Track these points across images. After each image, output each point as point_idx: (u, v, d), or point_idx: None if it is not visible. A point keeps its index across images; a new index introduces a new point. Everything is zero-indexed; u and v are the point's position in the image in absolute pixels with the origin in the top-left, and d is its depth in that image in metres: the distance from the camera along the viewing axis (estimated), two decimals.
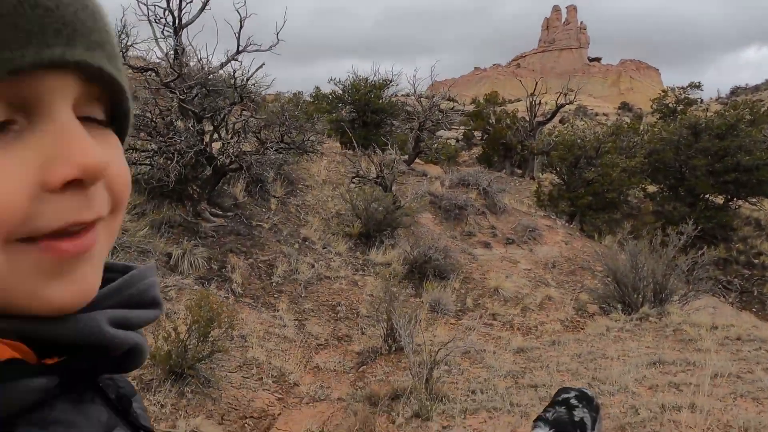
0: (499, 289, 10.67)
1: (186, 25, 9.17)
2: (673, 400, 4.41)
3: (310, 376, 6.31)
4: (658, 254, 9.34)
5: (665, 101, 32.40)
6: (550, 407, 3.21)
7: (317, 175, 13.64)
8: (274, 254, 9.14)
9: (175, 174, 8.25)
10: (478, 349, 6.93)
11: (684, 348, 6.74)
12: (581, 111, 74.40)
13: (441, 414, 4.63)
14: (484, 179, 15.42)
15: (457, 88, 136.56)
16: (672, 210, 17.87)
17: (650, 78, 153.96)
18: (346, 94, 18.97)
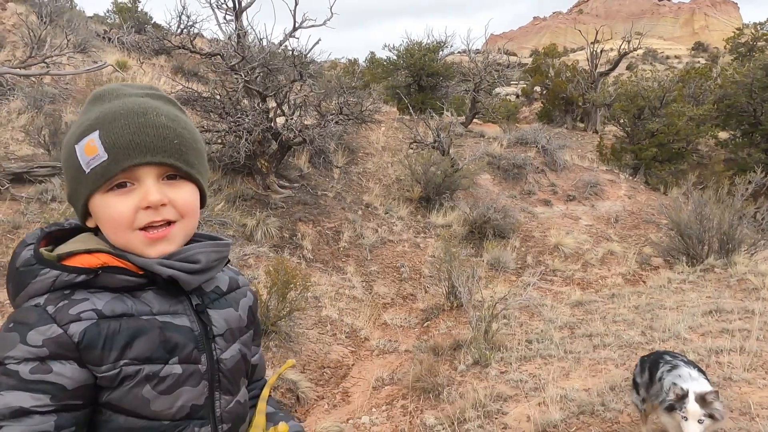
0: (560, 245, 10.83)
1: (245, 8, 9.66)
2: (722, 344, 4.62)
3: (379, 332, 6.88)
4: (724, 204, 9.18)
5: (740, 40, 30.29)
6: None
7: (376, 143, 14.06)
8: (340, 221, 9.70)
9: (245, 151, 8.90)
10: (537, 303, 7.25)
11: (746, 297, 6.78)
12: (651, 55, 70.50)
13: (499, 361, 5.05)
14: (542, 137, 15.33)
15: (516, 41, 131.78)
16: (746, 157, 17.10)
17: (728, 14, 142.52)
18: (401, 60, 19.09)
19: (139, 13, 25.05)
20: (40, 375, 0.93)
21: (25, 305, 0.99)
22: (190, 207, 1.09)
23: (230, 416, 1.12)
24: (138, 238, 1.04)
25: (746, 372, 3.99)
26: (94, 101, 1.09)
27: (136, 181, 1.04)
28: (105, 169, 1.02)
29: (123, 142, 1.02)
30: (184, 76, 15.10)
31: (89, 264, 1.02)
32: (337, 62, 25.36)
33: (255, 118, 9.11)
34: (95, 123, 1.04)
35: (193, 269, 1.08)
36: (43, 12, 15.52)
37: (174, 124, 1.07)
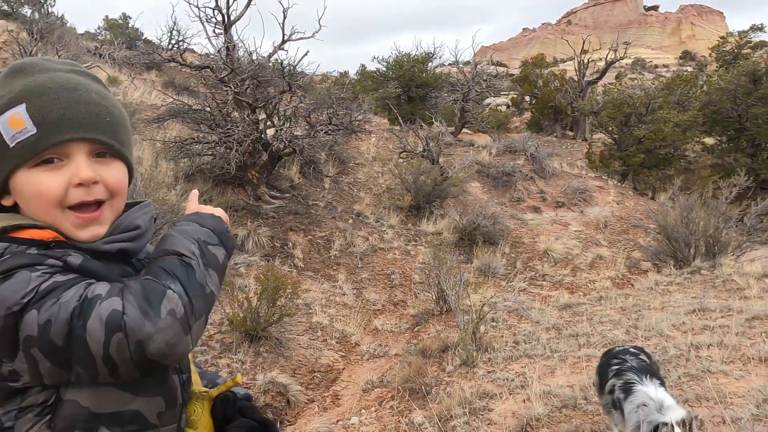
0: (549, 251, 10.95)
1: (234, 22, 9.80)
2: (703, 340, 4.72)
3: (370, 337, 6.94)
4: (710, 207, 9.33)
5: (725, 48, 30.80)
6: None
7: (367, 153, 14.19)
8: (331, 230, 9.79)
9: (235, 162, 8.99)
10: (525, 307, 7.34)
11: (730, 297, 6.90)
12: (639, 64, 71.31)
13: (486, 362, 5.13)
14: (531, 145, 15.52)
15: (506, 52, 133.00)
16: (733, 162, 17.35)
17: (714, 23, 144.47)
18: (390, 71, 19.30)
19: (130, 29, 25.25)
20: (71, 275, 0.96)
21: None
22: (120, 185, 1.08)
23: (186, 367, 1.18)
24: (69, 218, 1.02)
25: (724, 364, 4.09)
26: (13, 74, 1.06)
27: (65, 158, 1.02)
28: (34, 143, 0.99)
29: (54, 117, 1.00)
30: (175, 90, 15.21)
31: (42, 237, 0.99)
32: (328, 75, 25.56)
33: (245, 129, 9.22)
34: (20, 95, 1.01)
35: (135, 235, 1.10)
36: (34, 29, 15.65)
37: (105, 101, 1.08)
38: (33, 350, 0.92)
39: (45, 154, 1.00)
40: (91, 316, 0.91)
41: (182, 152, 9.73)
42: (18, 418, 0.97)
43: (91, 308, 0.91)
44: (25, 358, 0.93)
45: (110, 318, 0.90)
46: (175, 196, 7.89)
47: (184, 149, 9.69)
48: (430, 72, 19.46)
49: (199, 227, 1.09)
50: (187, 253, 1.02)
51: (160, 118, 10.45)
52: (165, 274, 0.98)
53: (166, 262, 1.00)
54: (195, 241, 1.05)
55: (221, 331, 5.61)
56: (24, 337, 0.92)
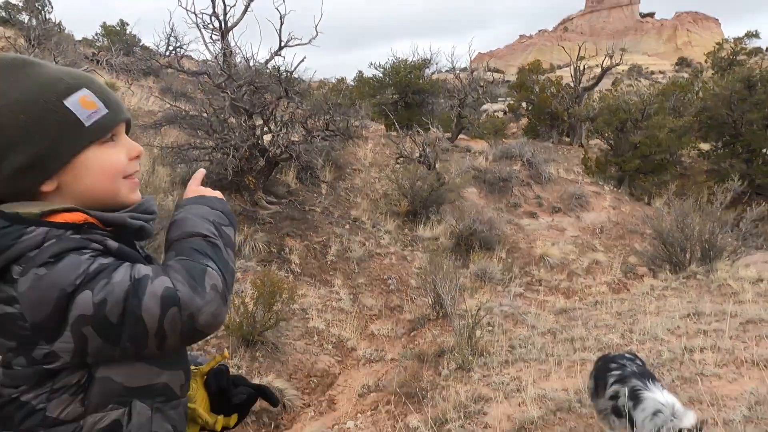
0: (546, 256, 10.99)
1: (231, 28, 9.86)
2: (697, 343, 4.75)
3: (366, 342, 6.95)
4: (704, 212, 9.38)
5: (720, 54, 31.01)
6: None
7: (364, 159, 14.23)
8: (328, 235, 9.81)
9: (232, 167, 9.01)
10: (521, 312, 7.36)
11: (724, 301, 6.93)
12: (635, 71, 71.65)
13: (482, 366, 5.15)
14: (528, 150, 15.59)
15: (503, 59, 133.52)
16: (728, 167, 17.45)
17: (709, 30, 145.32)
18: (387, 77, 19.38)
19: (127, 36, 25.31)
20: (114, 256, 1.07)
21: (33, 253, 1.00)
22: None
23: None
24: (126, 184, 1.17)
25: (717, 368, 4.11)
26: (25, 66, 1.10)
27: (116, 136, 1.16)
28: (108, 122, 1.13)
29: (111, 100, 1.15)
30: (172, 96, 15.24)
31: (75, 220, 1.07)
32: (326, 81, 25.63)
33: (242, 135, 9.24)
34: (77, 81, 1.12)
35: (152, 219, 1.22)
36: (31, 35, 15.70)
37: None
38: (86, 329, 0.99)
39: (112, 132, 1.15)
40: (146, 294, 1.00)
41: (179, 158, 9.74)
42: (50, 400, 1.03)
43: (144, 287, 1.01)
44: (73, 337, 0.99)
45: (165, 294, 1.01)
46: (172, 201, 7.91)
47: (181, 155, 9.71)
48: (427, 78, 19.54)
49: (210, 209, 1.22)
50: (210, 234, 1.16)
51: (158, 123, 10.47)
52: (198, 254, 1.10)
53: (195, 243, 1.13)
54: (211, 222, 1.19)
55: (217, 335, 5.61)
56: (76, 316, 0.99)
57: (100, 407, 1.05)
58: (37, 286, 0.98)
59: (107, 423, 1.05)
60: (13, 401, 1.03)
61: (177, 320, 1.02)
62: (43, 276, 0.98)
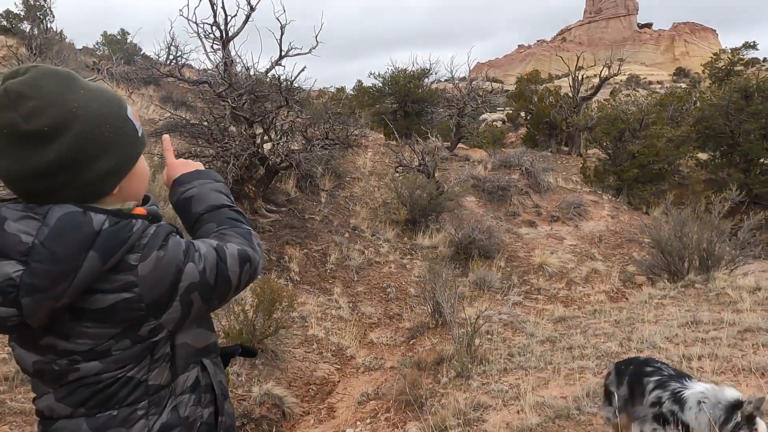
0: (544, 265, 11.01)
1: (232, 38, 9.93)
2: (695, 352, 4.77)
3: (365, 350, 6.96)
4: (702, 221, 9.42)
5: (718, 65, 31.19)
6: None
7: (363, 167, 14.28)
8: (327, 244, 9.83)
9: (232, 176, 9.05)
10: (520, 320, 7.38)
11: (722, 310, 6.95)
12: (633, 81, 72.07)
13: (481, 374, 5.16)
14: (526, 159, 15.65)
15: (501, 69, 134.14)
16: (726, 177, 17.51)
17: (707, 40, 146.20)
18: (386, 87, 19.48)
19: (128, 45, 25.45)
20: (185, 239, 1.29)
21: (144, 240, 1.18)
22: None
23: None
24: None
25: (715, 375, 4.13)
26: (75, 79, 1.19)
27: None
28: (144, 133, 1.33)
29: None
30: (172, 105, 15.32)
31: (144, 213, 1.26)
32: (325, 91, 25.74)
33: (242, 144, 9.29)
34: (120, 99, 1.28)
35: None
36: (33, 44, 15.77)
37: None
38: (194, 294, 1.21)
39: None
40: (228, 257, 1.26)
41: None
42: (152, 371, 1.23)
43: (224, 252, 1.26)
44: (181, 305, 1.21)
45: (241, 255, 1.29)
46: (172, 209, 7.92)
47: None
48: (426, 88, 19.65)
49: (215, 182, 1.48)
50: (232, 203, 1.45)
51: (158, 132, 10.52)
52: (235, 221, 1.40)
53: (227, 213, 1.42)
54: (224, 194, 1.46)
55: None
56: (186, 285, 1.20)
57: (184, 368, 1.30)
58: (159, 266, 1.16)
59: (192, 380, 1.32)
60: (116, 381, 1.19)
61: (248, 273, 1.30)
62: (163, 257, 1.17)
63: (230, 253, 1.26)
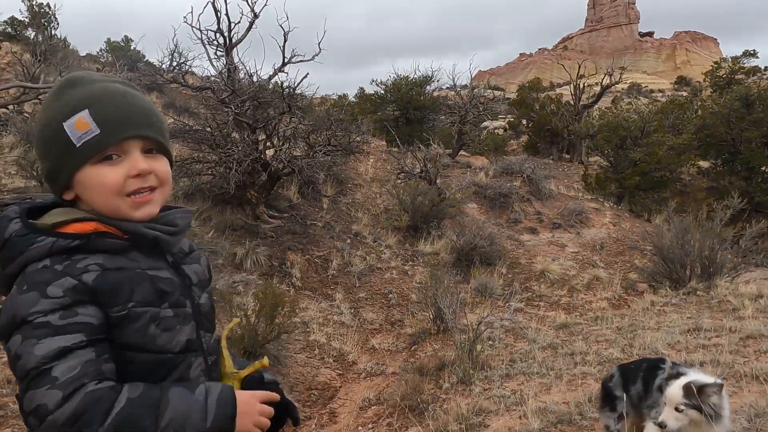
0: (546, 272, 11.01)
1: (236, 44, 10.00)
2: (698, 358, 4.77)
3: (367, 356, 6.96)
4: (704, 229, 9.41)
5: (719, 73, 31.27)
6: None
7: (365, 174, 14.32)
8: (329, 249, 9.85)
9: (234, 181, 9.09)
10: (522, 326, 7.37)
11: (724, 317, 6.95)
12: (635, 89, 72.25)
13: (483, 380, 5.16)
14: (528, 167, 15.67)
15: (503, 77, 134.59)
16: (727, 185, 17.53)
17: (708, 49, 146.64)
18: (388, 94, 19.55)
19: (131, 52, 25.59)
20: (70, 319, 1.08)
21: (30, 269, 1.12)
22: (167, 176, 1.28)
23: (213, 350, 1.33)
24: (126, 203, 1.20)
25: None
26: (69, 86, 1.22)
27: (123, 154, 1.20)
28: (98, 141, 1.17)
29: (115, 118, 1.18)
30: (175, 111, 15.38)
31: (81, 230, 1.16)
32: (327, 97, 25.85)
33: (245, 150, 9.33)
34: (83, 102, 1.18)
35: (172, 231, 1.27)
36: (37, 50, 15.87)
37: (150, 105, 1.27)
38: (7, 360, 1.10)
39: (107, 151, 1.19)
40: (27, 394, 1.05)
41: (182, 172, 9.82)
42: None
43: (34, 385, 1.04)
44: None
45: (35, 408, 1.04)
46: None
47: (185, 168, 9.79)
48: (428, 95, 19.71)
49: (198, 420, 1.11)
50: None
51: None
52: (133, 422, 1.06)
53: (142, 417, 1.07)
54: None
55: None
56: (5, 346, 1.10)
57: None
58: (8, 299, 1.11)
59: None
60: None
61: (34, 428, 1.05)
62: (13, 296, 1.10)
63: (32, 396, 1.04)
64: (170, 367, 1.20)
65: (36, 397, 1.03)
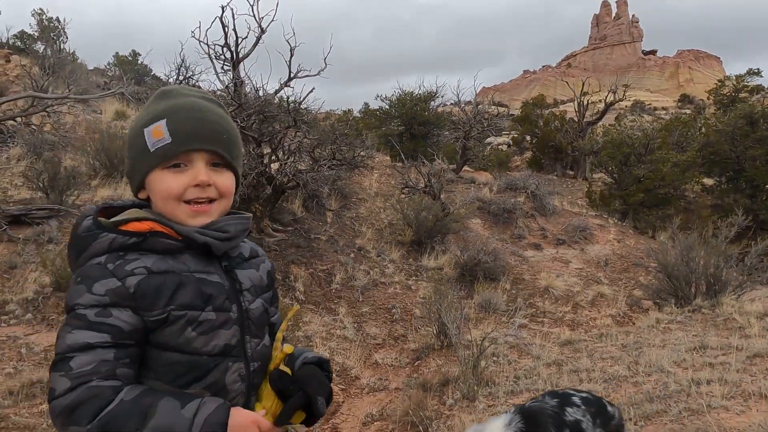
0: (550, 288, 10.96)
1: (243, 59, 10.08)
2: (704, 376, 4.72)
3: (370, 371, 6.91)
4: (709, 246, 9.37)
5: (723, 91, 31.37)
6: (540, 397, 2.68)
7: (369, 188, 14.34)
8: (332, 263, 9.83)
9: (239, 194, 9.10)
10: (526, 343, 7.32)
11: (730, 335, 6.89)
12: (638, 107, 72.44)
13: (487, 396, 5.11)
14: (532, 182, 15.68)
15: (507, 93, 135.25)
16: (732, 202, 17.49)
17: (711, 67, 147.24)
18: (393, 109, 19.65)
19: (139, 66, 25.84)
20: (102, 318, 1.17)
21: (88, 263, 1.23)
22: (228, 189, 1.36)
23: (259, 356, 1.36)
24: (184, 209, 1.31)
25: (725, 400, 4.09)
26: (160, 97, 1.36)
27: (189, 163, 1.30)
28: (168, 150, 1.28)
29: (186, 130, 1.29)
30: None
31: (139, 229, 1.27)
32: (332, 113, 25.97)
33: (250, 163, 9.36)
34: (163, 113, 1.30)
35: (223, 237, 1.33)
36: (46, 64, 16.03)
37: (223, 122, 1.36)
38: None
39: (174, 160, 1.29)
40: (52, 377, 1.15)
41: None
42: None
43: (57, 370, 1.14)
44: None
45: (49, 392, 1.15)
46: None
47: None
48: (433, 111, 19.80)
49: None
50: None
51: None
52: (124, 417, 1.12)
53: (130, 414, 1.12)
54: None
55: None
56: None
57: None
58: (70, 286, 1.23)
59: None
60: None
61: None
62: (71, 285, 1.23)
63: (53, 378, 1.14)
64: (204, 370, 1.24)
65: (52, 379, 1.14)
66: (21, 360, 5.40)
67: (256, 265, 1.47)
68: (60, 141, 12.14)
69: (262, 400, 1.34)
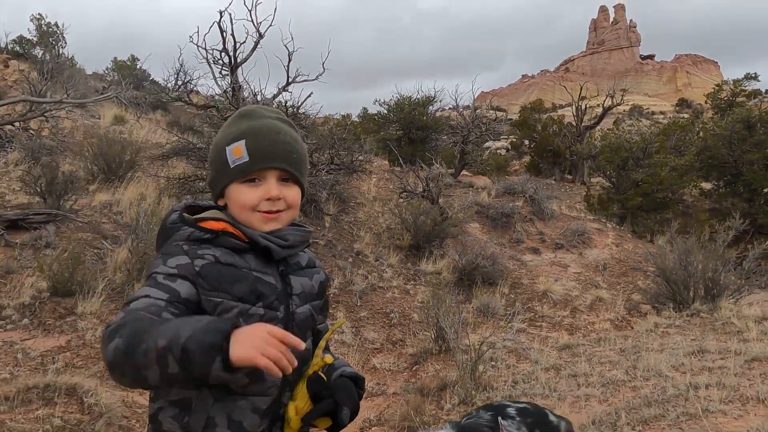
0: (548, 292, 10.95)
1: (241, 64, 10.10)
2: (702, 381, 4.71)
3: (368, 376, 6.88)
4: (707, 250, 9.38)
5: (720, 95, 31.49)
6: (475, 412, 2.55)
7: (367, 193, 14.34)
8: (330, 268, 9.82)
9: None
10: (524, 347, 7.31)
11: (729, 339, 6.89)
12: (636, 111, 72.57)
13: (485, 400, 5.10)
14: (530, 187, 15.69)
15: (505, 98, 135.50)
16: (730, 206, 17.53)
17: (709, 72, 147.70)
18: (391, 114, 19.67)
19: (137, 71, 25.85)
20: (167, 282, 1.36)
21: (169, 242, 1.46)
22: (295, 201, 1.55)
23: (298, 356, 1.36)
24: (257, 217, 1.50)
25: (723, 404, 4.08)
26: (241, 117, 1.54)
27: (262, 179, 1.49)
28: (245, 167, 1.47)
29: (262, 150, 1.48)
30: (179, 129, 15.48)
31: (215, 227, 1.47)
32: (330, 117, 25.99)
33: None
34: (243, 133, 1.49)
35: (283, 244, 1.51)
36: (44, 69, 16.05)
37: (295, 143, 1.54)
38: None
39: (250, 176, 1.48)
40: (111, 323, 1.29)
41: (185, 189, 9.85)
42: None
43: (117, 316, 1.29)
44: None
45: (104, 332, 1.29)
46: None
47: (188, 186, 9.82)
48: (431, 115, 19.82)
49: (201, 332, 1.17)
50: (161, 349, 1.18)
51: (165, 155, 10.63)
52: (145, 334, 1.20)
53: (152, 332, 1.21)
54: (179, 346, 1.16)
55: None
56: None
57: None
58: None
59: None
60: None
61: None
62: (153, 262, 1.45)
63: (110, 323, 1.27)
64: None
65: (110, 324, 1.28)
66: (17, 365, 5.38)
67: (311, 275, 1.63)
68: (58, 146, 12.12)
69: (296, 399, 1.45)
